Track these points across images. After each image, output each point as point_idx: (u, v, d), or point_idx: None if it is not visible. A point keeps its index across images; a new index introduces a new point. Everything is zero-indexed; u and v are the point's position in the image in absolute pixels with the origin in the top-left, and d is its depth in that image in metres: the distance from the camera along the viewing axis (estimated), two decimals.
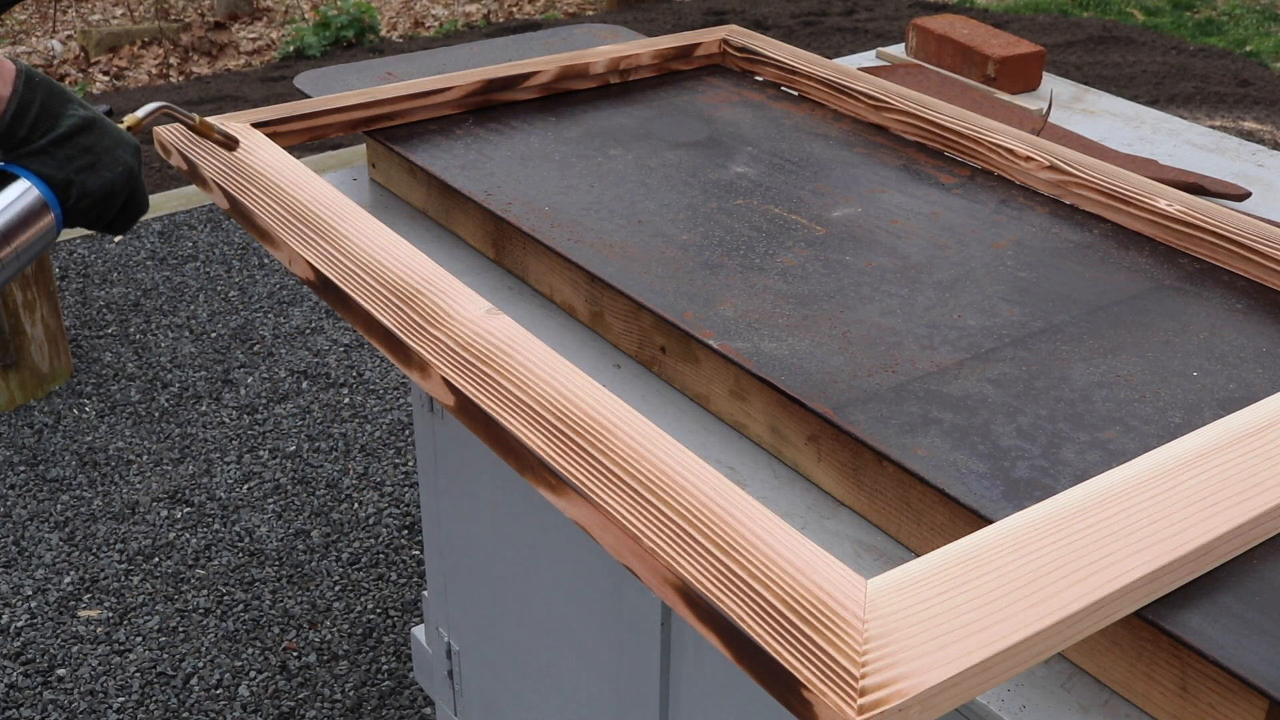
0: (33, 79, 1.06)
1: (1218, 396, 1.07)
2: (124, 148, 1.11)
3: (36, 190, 1.06)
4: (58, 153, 1.07)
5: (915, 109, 1.57)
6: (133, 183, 1.13)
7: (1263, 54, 5.80)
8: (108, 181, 1.09)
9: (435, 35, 6.43)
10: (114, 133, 1.11)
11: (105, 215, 1.12)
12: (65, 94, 1.09)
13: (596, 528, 0.88)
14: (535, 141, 1.55)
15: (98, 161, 1.09)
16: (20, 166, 1.06)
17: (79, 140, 1.08)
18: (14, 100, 1.04)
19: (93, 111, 1.10)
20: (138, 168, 1.13)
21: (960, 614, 0.76)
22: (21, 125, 1.06)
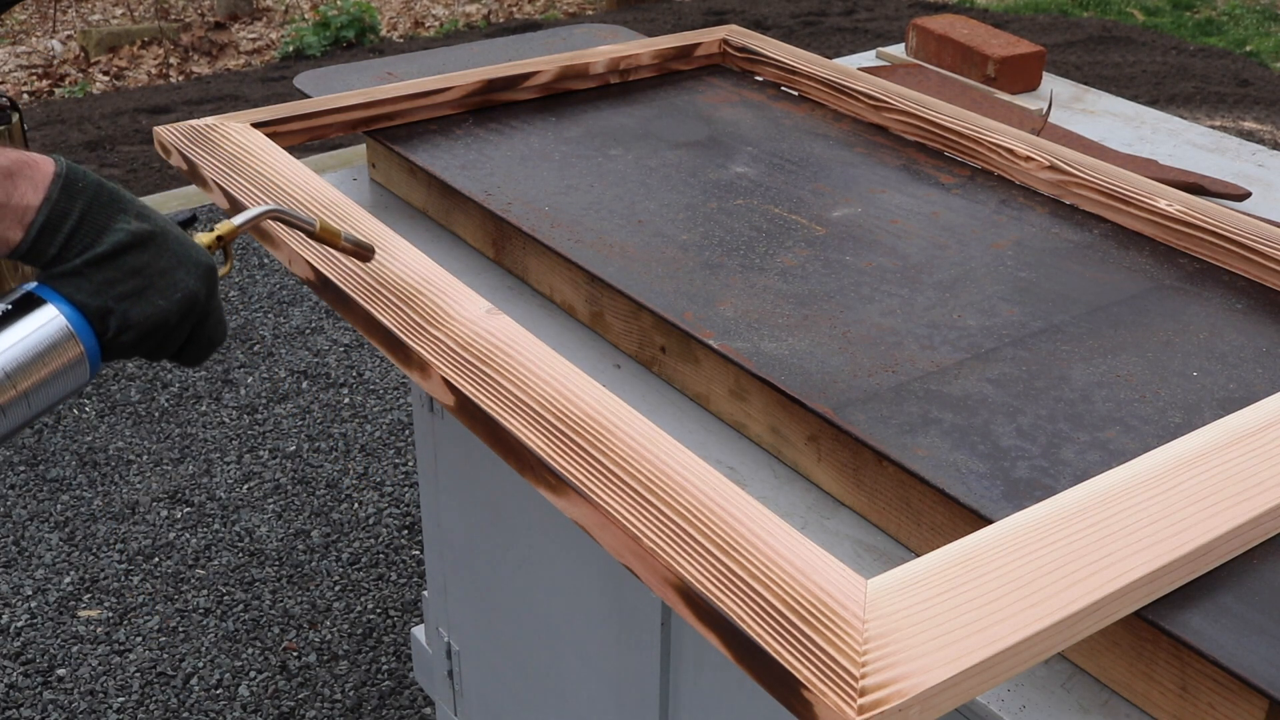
0: (74, 184, 0.90)
1: (1218, 396, 1.06)
2: (188, 269, 0.93)
3: (64, 319, 0.88)
4: (96, 275, 0.89)
5: (915, 109, 1.57)
6: (197, 311, 0.94)
7: (1263, 54, 5.80)
8: (159, 311, 0.91)
9: (435, 35, 6.43)
10: (178, 250, 0.93)
11: (162, 349, 0.94)
12: (118, 201, 0.91)
13: (596, 528, 0.88)
14: (535, 141, 1.55)
15: (148, 286, 0.90)
16: (52, 289, 0.89)
17: (126, 260, 0.90)
18: (44, 210, 0.88)
19: (154, 222, 0.92)
20: (205, 293, 0.94)
21: (960, 614, 0.76)
22: (52, 241, 0.89)
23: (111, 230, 0.90)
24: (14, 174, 0.87)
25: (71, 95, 5.55)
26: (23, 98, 5.57)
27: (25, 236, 0.88)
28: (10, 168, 0.87)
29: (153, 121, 4.96)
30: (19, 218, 0.87)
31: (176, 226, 0.94)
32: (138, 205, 0.92)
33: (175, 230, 0.93)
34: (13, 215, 0.87)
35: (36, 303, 0.88)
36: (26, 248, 0.88)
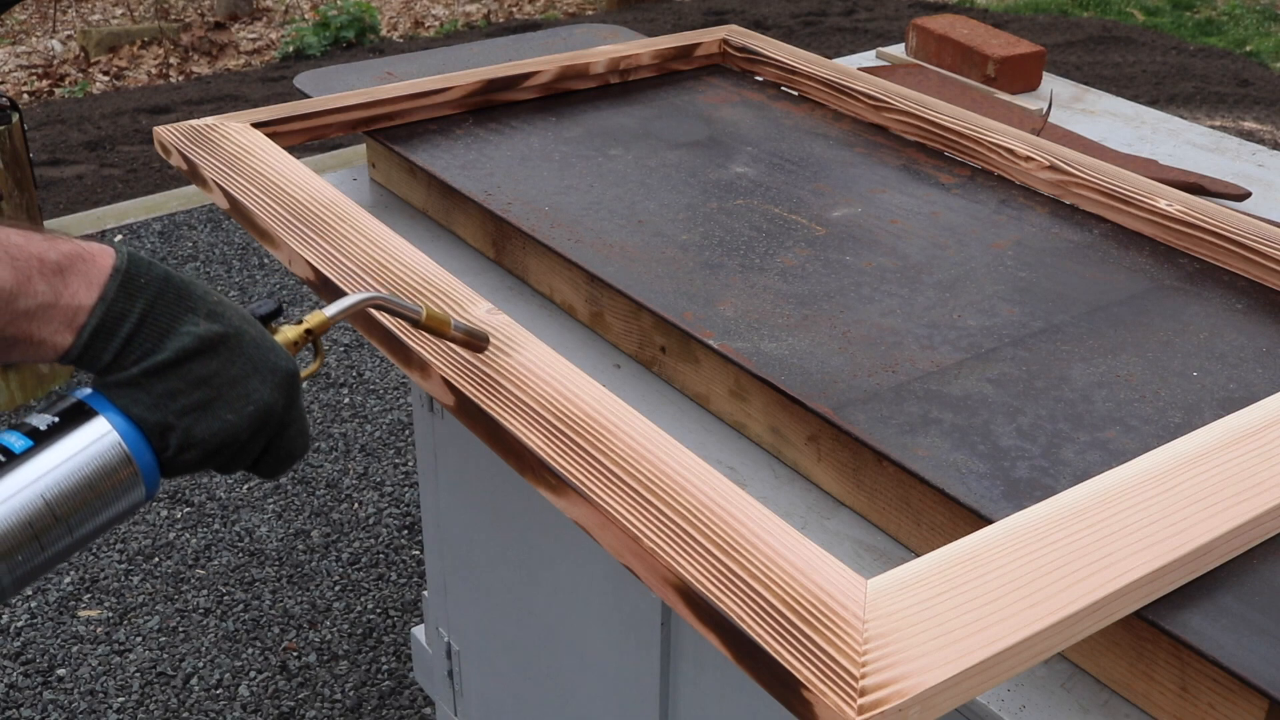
0: (134, 280, 0.78)
1: (1218, 396, 1.06)
2: (263, 376, 0.81)
3: (117, 436, 0.77)
4: (156, 385, 0.78)
5: (915, 109, 1.57)
6: (272, 424, 0.82)
7: (1263, 54, 5.80)
8: (227, 427, 0.80)
9: (435, 35, 6.43)
10: (253, 354, 0.81)
11: (231, 465, 0.83)
12: (185, 298, 0.80)
13: (596, 528, 0.88)
14: (535, 141, 1.55)
15: (216, 398, 0.79)
16: (105, 399, 0.78)
17: (191, 368, 0.78)
18: (98, 311, 0.77)
19: (226, 322, 0.81)
20: (283, 404, 0.82)
21: (960, 614, 0.76)
22: (107, 346, 0.77)
23: (176, 333, 0.79)
24: (65, 270, 0.76)
25: (71, 95, 5.55)
26: (23, 98, 5.57)
27: (76, 341, 0.77)
28: (61, 262, 0.77)
29: (153, 121, 4.96)
30: (69, 319, 0.76)
31: (255, 323, 0.83)
32: (209, 301, 0.81)
33: (252, 329, 0.82)
34: (62, 316, 0.76)
35: (87, 415, 0.77)
36: (78, 353, 0.77)
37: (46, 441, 0.76)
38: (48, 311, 0.76)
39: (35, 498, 0.74)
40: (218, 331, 0.80)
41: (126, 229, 4.08)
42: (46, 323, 0.76)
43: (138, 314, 0.78)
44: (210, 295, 0.81)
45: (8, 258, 0.74)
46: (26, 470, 0.74)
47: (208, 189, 1.40)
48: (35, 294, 0.75)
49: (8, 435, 0.75)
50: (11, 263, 0.74)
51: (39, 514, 0.74)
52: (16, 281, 0.74)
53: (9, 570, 0.73)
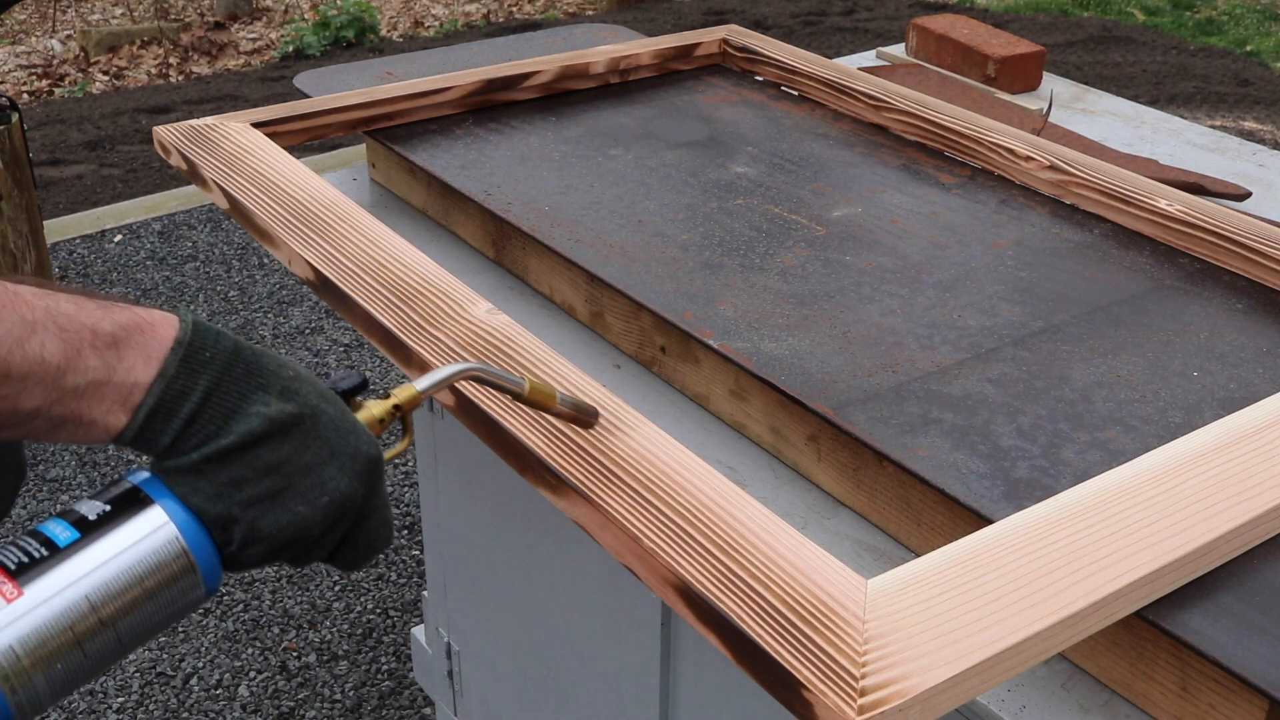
0: (198, 354, 0.70)
1: (1218, 396, 1.06)
2: (341, 463, 0.72)
3: (174, 529, 0.69)
4: (219, 473, 0.69)
5: (915, 109, 1.57)
6: (350, 515, 0.74)
7: (1263, 54, 5.80)
8: (298, 520, 0.71)
9: (435, 35, 6.43)
10: (331, 438, 0.72)
11: (302, 559, 0.74)
12: (256, 374, 0.72)
13: (596, 528, 0.88)
14: (535, 141, 1.55)
15: (286, 488, 0.70)
16: (164, 486, 0.70)
17: (259, 454, 0.70)
18: (156, 389, 0.69)
19: (302, 401, 0.72)
20: (362, 493, 0.73)
21: (960, 614, 0.76)
22: (164, 428, 0.69)
23: (243, 414, 0.70)
24: (120, 342, 0.69)
25: (71, 95, 5.55)
26: (22, 98, 5.57)
27: (131, 422, 0.69)
28: (116, 334, 0.69)
29: (153, 121, 4.96)
30: (123, 398, 0.69)
31: (334, 401, 0.74)
32: (284, 377, 0.72)
33: (331, 409, 0.73)
34: (115, 394, 0.68)
35: (142, 503, 0.69)
36: (133, 435, 0.69)
37: (95, 533, 0.67)
38: (100, 389, 0.68)
39: (79, 599, 0.66)
40: (290, 412, 0.71)
41: (126, 229, 4.08)
42: (98, 401, 0.68)
43: (200, 392, 0.70)
44: (285, 370, 0.73)
45: (56, 329, 0.67)
46: (70, 567, 0.66)
47: (207, 189, 1.40)
48: (86, 369, 0.67)
49: (53, 524, 0.68)
50: (60, 334, 0.67)
51: (82, 617, 0.66)
52: (65, 356, 0.67)
53: (47, 681, 0.65)
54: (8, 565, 0.65)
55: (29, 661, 0.64)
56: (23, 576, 0.65)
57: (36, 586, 0.65)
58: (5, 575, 0.65)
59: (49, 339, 0.66)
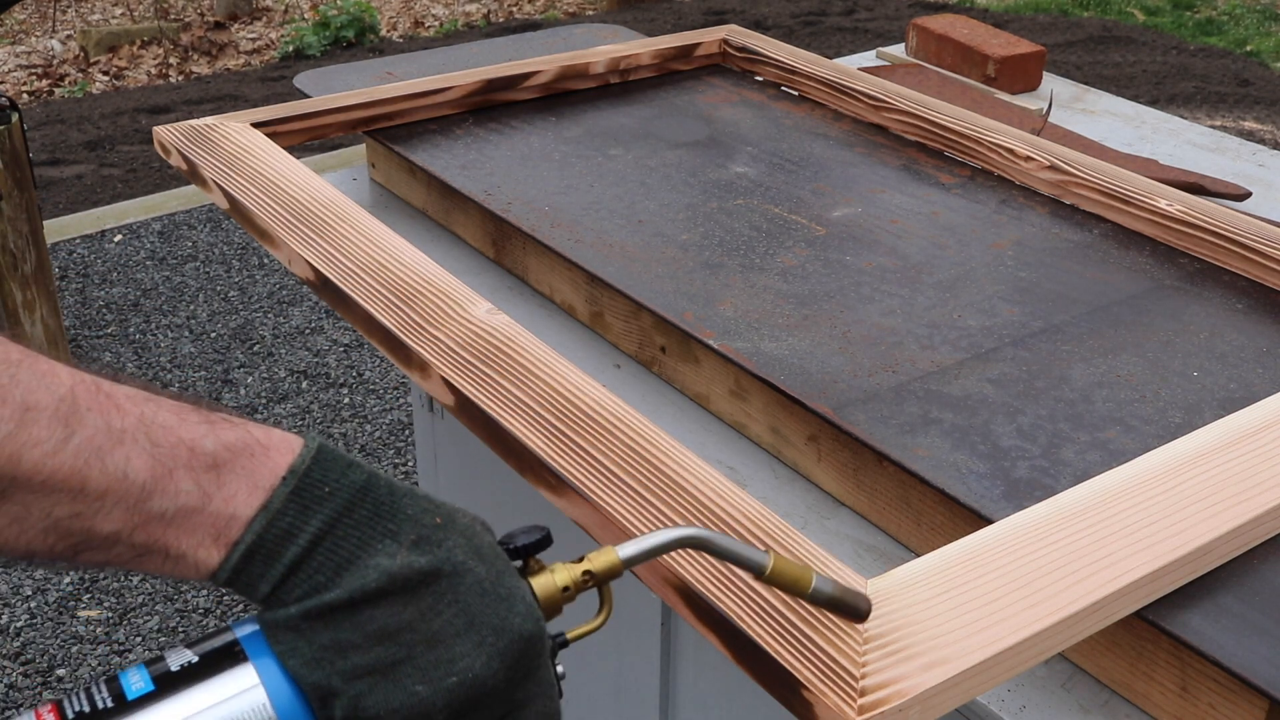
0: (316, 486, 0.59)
1: (1218, 396, 1.06)
2: (480, 636, 0.59)
3: (265, 696, 0.57)
4: (320, 634, 0.57)
5: (915, 109, 1.57)
6: (488, 704, 0.59)
7: (1263, 54, 5.80)
8: (414, 703, 0.57)
9: (435, 35, 6.43)
10: (472, 604, 0.59)
11: None
12: (389, 516, 0.60)
13: (596, 528, 0.88)
14: (535, 141, 1.55)
15: (404, 660, 0.57)
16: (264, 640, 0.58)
17: (373, 616, 0.57)
18: (257, 524, 0.58)
19: (442, 555, 0.59)
20: (506, 678, 0.59)
21: (960, 614, 0.76)
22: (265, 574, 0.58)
23: (360, 565, 0.58)
24: (223, 466, 0.59)
25: (71, 95, 5.55)
26: (22, 98, 5.57)
27: (225, 561, 0.58)
28: (219, 455, 0.59)
29: (153, 121, 4.96)
30: (218, 531, 0.58)
31: (494, 560, 0.61)
32: (423, 524, 0.60)
33: (483, 569, 0.60)
34: (210, 526, 0.58)
35: (234, 658, 0.58)
36: (227, 576, 0.59)
37: (173, 689, 0.57)
38: (191, 518, 0.58)
39: None
40: (421, 568, 0.58)
41: (126, 229, 4.08)
42: (189, 533, 0.58)
43: (311, 534, 0.58)
44: (428, 516, 0.60)
45: (148, 442, 0.58)
46: None
47: (207, 189, 1.40)
48: (177, 494, 0.58)
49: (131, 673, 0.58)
50: (152, 449, 0.58)
51: None
52: (154, 475, 0.57)
53: None
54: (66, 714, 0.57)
55: None
56: None
57: None
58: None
59: (136, 453, 0.57)
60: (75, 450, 0.55)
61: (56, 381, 0.57)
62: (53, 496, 0.55)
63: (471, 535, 0.62)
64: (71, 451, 0.55)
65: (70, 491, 0.56)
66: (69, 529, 0.56)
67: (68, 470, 0.55)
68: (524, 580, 0.62)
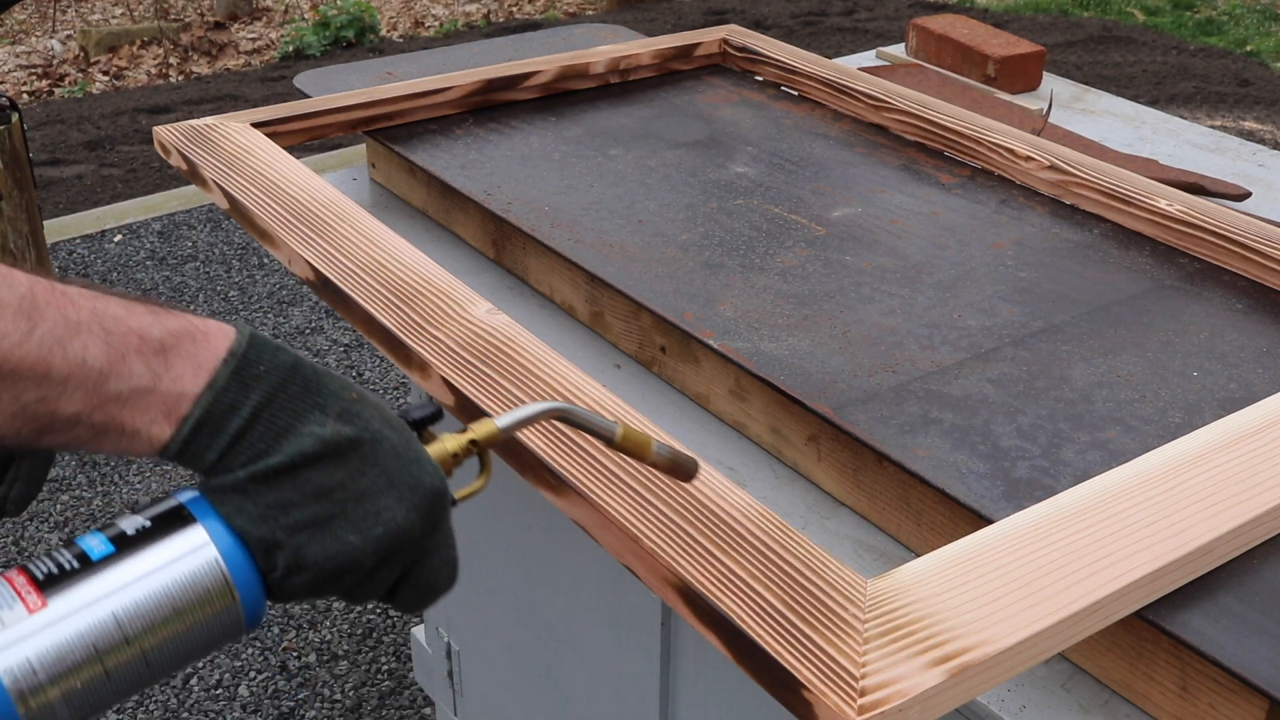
0: (252, 366, 0.67)
1: (1218, 396, 1.06)
2: (400, 493, 0.68)
3: (215, 551, 0.65)
4: (265, 494, 0.66)
5: (915, 109, 1.57)
6: (407, 551, 0.69)
7: (1263, 54, 5.80)
8: (347, 550, 0.66)
9: (435, 35, 6.43)
10: (390, 465, 0.68)
11: (355, 594, 0.70)
12: (314, 393, 0.68)
13: (596, 528, 0.88)
14: (535, 141, 1.55)
15: (337, 515, 0.66)
16: (210, 505, 0.66)
17: (309, 477, 0.66)
18: (204, 401, 0.66)
19: (361, 425, 0.68)
20: (422, 527, 0.70)
21: (960, 614, 0.76)
22: (211, 444, 0.66)
23: (296, 434, 0.66)
24: (169, 350, 0.66)
25: (71, 95, 5.55)
26: (22, 98, 5.57)
27: (176, 434, 0.65)
28: (165, 341, 0.66)
29: (153, 121, 4.96)
30: (168, 408, 0.65)
31: (401, 429, 0.70)
32: (344, 399, 0.68)
33: (393, 437, 0.69)
34: (160, 404, 0.65)
35: (184, 521, 0.65)
36: (178, 449, 0.66)
37: (131, 549, 0.64)
38: (144, 397, 0.65)
39: (105, 617, 0.62)
40: (347, 435, 0.67)
41: (126, 229, 4.08)
42: (142, 410, 0.65)
43: (251, 407, 0.66)
44: (346, 392, 0.69)
45: (102, 330, 0.64)
46: (100, 582, 0.62)
47: (207, 189, 1.40)
48: (130, 376, 0.65)
49: (89, 538, 0.64)
50: (105, 337, 0.64)
51: (107, 636, 0.61)
52: (109, 359, 0.64)
53: (65, 702, 0.61)
54: (36, 576, 0.62)
55: (47, 678, 0.60)
56: (50, 589, 0.62)
57: (62, 600, 0.61)
58: (32, 586, 0.62)
59: (93, 341, 0.64)
60: (39, 341, 0.62)
61: (16, 282, 0.64)
62: (21, 384, 0.62)
63: (381, 409, 0.70)
64: (35, 342, 0.62)
65: (36, 378, 0.62)
66: (35, 413, 0.63)
67: (33, 359, 0.62)
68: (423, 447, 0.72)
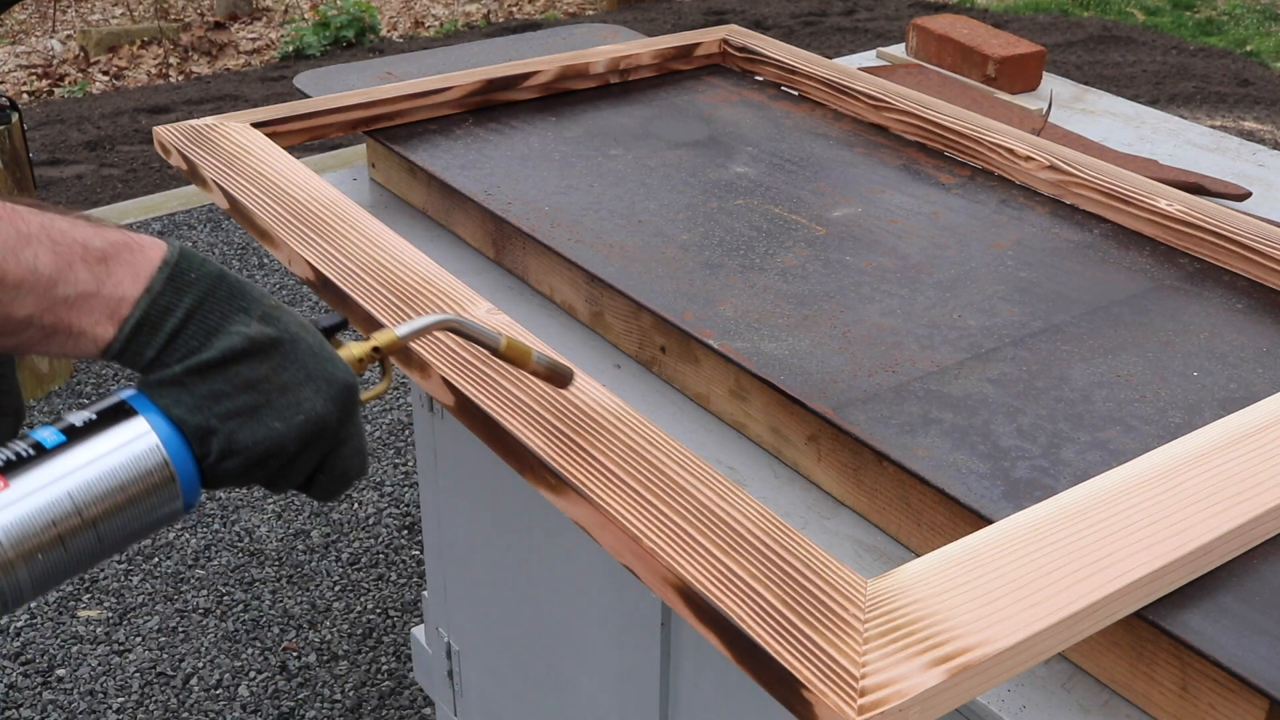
0: (184, 274, 0.75)
1: (1218, 396, 1.06)
2: (316, 386, 0.76)
3: (155, 438, 0.73)
4: (199, 386, 0.73)
5: (915, 109, 1.57)
6: (325, 438, 0.78)
7: (1263, 54, 5.80)
8: (273, 435, 0.75)
9: (435, 35, 6.43)
10: (307, 362, 0.77)
11: (279, 480, 0.78)
12: (238, 298, 0.76)
13: (596, 528, 0.88)
14: (535, 141, 1.55)
15: (263, 404, 0.74)
16: (148, 400, 0.74)
17: (238, 370, 0.74)
18: (142, 303, 0.74)
19: (281, 327, 0.76)
20: (337, 417, 0.77)
21: (960, 614, 0.76)
22: (149, 342, 0.74)
23: (225, 333, 0.74)
24: (109, 259, 0.74)
25: (71, 95, 5.55)
26: (22, 98, 5.57)
27: (118, 334, 0.73)
28: (106, 251, 0.74)
29: (152, 121, 4.96)
30: (111, 310, 0.73)
31: (313, 332, 0.79)
32: (264, 304, 0.77)
33: (309, 338, 0.78)
34: (104, 307, 0.73)
35: (126, 414, 0.73)
36: (119, 347, 0.74)
37: (81, 438, 0.72)
38: (89, 301, 0.73)
39: (61, 495, 0.70)
40: (270, 335, 0.75)
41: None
42: (87, 313, 0.73)
43: (184, 309, 0.74)
44: (266, 299, 0.78)
45: (50, 241, 0.71)
46: (55, 466, 0.70)
47: (207, 189, 1.40)
48: (76, 281, 0.72)
49: (41, 430, 0.72)
50: (53, 247, 0.72)
51: (65, 514, 0.70)
52: (57, 267, 0.71)
53: (28, 572, 0.68)
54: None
55: (13, 551, 0.68)
56: (10, 473, 0.69)
57: (22, 482, 0.69)
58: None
59: (42, 250, 0.71)
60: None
61: None
62: None
63: (296, 315, 0.79)
64: None
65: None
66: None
67: None
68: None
